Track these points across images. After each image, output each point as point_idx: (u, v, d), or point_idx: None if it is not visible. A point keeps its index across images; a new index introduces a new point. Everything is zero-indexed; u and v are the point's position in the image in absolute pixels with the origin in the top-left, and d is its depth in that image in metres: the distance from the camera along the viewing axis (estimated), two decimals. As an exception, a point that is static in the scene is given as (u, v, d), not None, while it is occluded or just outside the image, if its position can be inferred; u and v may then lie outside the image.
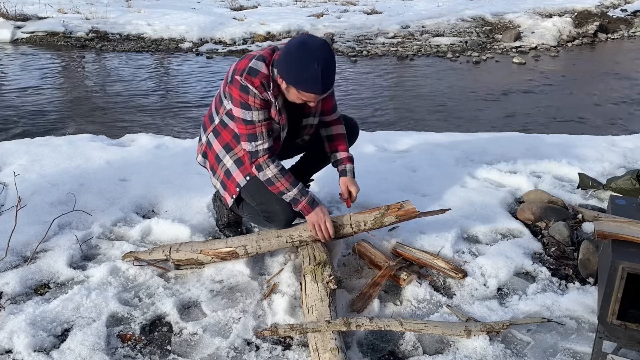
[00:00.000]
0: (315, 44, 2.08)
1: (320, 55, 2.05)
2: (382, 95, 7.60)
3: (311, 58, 2.04)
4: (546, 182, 3.40)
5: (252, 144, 2.26)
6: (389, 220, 2.36)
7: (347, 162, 2.47)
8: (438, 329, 2.03)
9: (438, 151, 3.93)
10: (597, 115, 6.71)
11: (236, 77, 2.18)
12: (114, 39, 10.61)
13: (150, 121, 6.35)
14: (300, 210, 2.33)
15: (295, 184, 2.31)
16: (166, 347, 2.04)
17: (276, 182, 2.28)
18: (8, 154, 3.57)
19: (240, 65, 2.21)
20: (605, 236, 1.96)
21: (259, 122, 2.22)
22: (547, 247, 2.73)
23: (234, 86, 2.19)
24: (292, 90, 2.15)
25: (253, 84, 2.16)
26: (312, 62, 2.03)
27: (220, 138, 2.40)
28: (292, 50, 2.08)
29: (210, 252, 2.42)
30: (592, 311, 2.24)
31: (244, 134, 2.25)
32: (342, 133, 2.51)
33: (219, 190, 2.49)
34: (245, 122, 2.23)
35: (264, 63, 2.18)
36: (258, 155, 2.27)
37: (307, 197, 2.32)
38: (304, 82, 2.09)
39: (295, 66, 2.07)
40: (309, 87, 2.10)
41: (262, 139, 2.25)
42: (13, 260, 2.47)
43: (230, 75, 2.23)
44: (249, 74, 2.16)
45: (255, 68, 2.17)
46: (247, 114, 2.21)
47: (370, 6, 13.78)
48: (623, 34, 11.97)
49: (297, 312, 2.20)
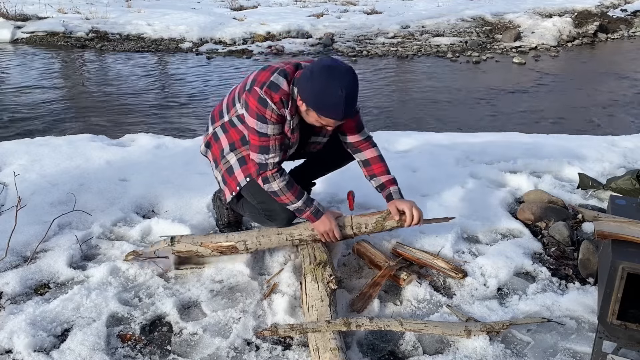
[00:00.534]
0: (342, 69, 2.04)
1: (346, 81, 2.02)
2: (382, 95, 7.60)
3: (336, 84, 2.00)
4: (546, 182, 3.40)
5: (263, 156, 2.23)
6: (390, 225, 2.36)
7: (390, 185, 2.36)
8: (438, 329, 2.03)
9: (438, 151, 3.93)
10: (597, 115, 6.71)
11: (255, 88, 2.15)
12: (114, 39, 10.61)
13: (150, 121, 6.35)
14: (304, 219, 2.33)
15: (300, 196, 2.29)
16: (166, 347, 2.04)
17: (281, 195, 2.27)
18: (8, 154, 3.57)
19: (261, 77, 2.17)
20: (605, 236, 1.96)
21: (273, 135, 2.19)
22: (547, 247, 2.73)
23: (252, 96, 2.16)
24: (312, 114, 2.11)
25: (272, 99, 2.13)
26: (337, 89, 2.00)
27: (228, 135, 2.39)
28: (317, 74, 2.04)
29: (210, 245, 2.42)
30: (592, 311, 2.24)
31: (256, 145, 2.22)
32: (377, 155, 2.41)
33: (219, 183, 2.48)
34: (259, 134, 2.20)
35: (286, 80, 2.15)
36: (267, 168, 2.25)
37: (311, 207, 2.30)
38: (326, 108, 2.06)
39: (318, 90, 2.04)
40: (329, 113, 2.07)
41: (274, 152, 2.22)
42: (13, 260, 2.47)
43: (250, 84, 2.19)
44: (270, 88, 2.13)
45: (277, 83, 2.14)
46: (262, 126, 2.18)
47: (370, 6, 13.78)
48: (623, 34, 11.97)
49: (297, 312, 2.20)
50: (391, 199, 2.34)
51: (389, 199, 2.35)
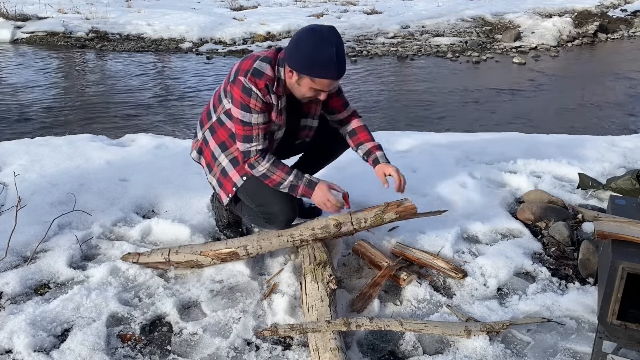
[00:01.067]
0: (325, 28, 2.08)
1: (333, 38, 2.05)
2: (382, 95, 7.60)
3: (325, 42, 2.04)
4: (546, 182, 3.40)
5: (246, 145, 2.25)
6: (389, 217, 2.36)
7: (375, 151, 2.42)
8: (438, 329, 2.03)
9: (438, 151, 3.93)
10: (597, 115, 6.72)
11: (240, 78, 2.16)
12: (113, 39, 10.61)
13: (150, 121, 6.35)
14: (301, 195, 2.30)
15: (289, 172, 2.28)
16: (166, 347, 2.04)
17: (271, 175, 2.27)
18: (8, 154, 3.57)
19: (244, 66, 2.19)
20: (605, 236, 1.96)
21: (256, 125, 2.21)
22: (547, 247, 2.73)
23: (236, 86, 2.17)
24: (305, 81, 2.12)
25: (257, 85, 2.14)
26: (327, 46, 2.03)
27: (216, 136, 2.39)
28: (304, 38, 2.08)
29: (210, 253, 2.42)
30: (592, 311, 2.24)
31: (240, 134, 2.24)
32: (362, 125, 2.49)
33: (215, 188, 2.48)
34: (243, 124, 2.21)
35: (269, 65, 2.16)
36: (250, 155, 2.26)
37: (303, 179, 2.28)
38: (320, 67, 2.07)
39: (309, 52, 2.06)
40: (325, 72, 2.08)
41: (257, 141, 2.24)
42: (13, 260, 2.47)
43: (234, 74, 2.21)
44: (254, 75, 2.14)
45: (260, 70, 2.15)
46: (247, 115, 2.19)
47: (370, 6, 13.77)
48: (623, 34, 11.97)
49: (297, 312, 2.20)
50: (378, 163, 2.40)
51: (375, 163, 2.41)
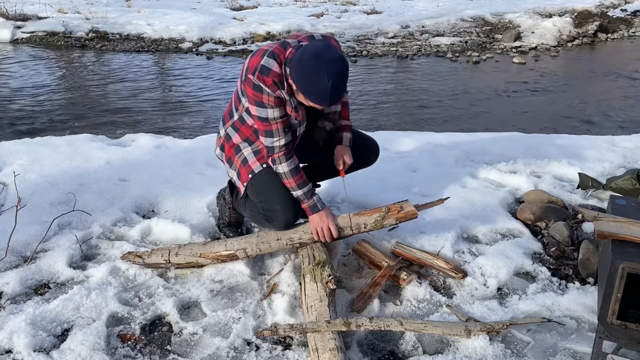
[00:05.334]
0: (331, 58, 2.04)
1: (334, 71, 2.03)
2: (382, 95, 7.59)
3: (323, 73, 2.02)
4: (546, 182, 3.40)
5: (269, 140, 2.29)
6: (389, 223, 2.36)
7: (344, 131, 2.50)
8: (438, 329, 2.03)
9: (438, 151, 3.93)
10: (597, 115, 6.71)
11: (249, 76, 2.18)
12: (114, 39, 10.60)
13: (150, 121, 6.35)
14: (303, 209, 2.35)
15: (302, 186, 2.33)
16: (166, 347, 2.05)
17: (285, 178, 2.33)
18: (8, 154, 3.57)
19: (252, 63, 2.19)
20: (605, 236, 1.96)
21: (274, 119, 2.23)
22: (547, 247, 2.73)
23: (248, 85, 2.20)
24: (301, 95, 2.17)
25: (265, 82, 2.15)
26: (323, 78, 2.02)
27: (240, 133, 2.42)
28: (306, 60, 2.06)
29: (210, 255, 2.42)
30: (592, 311, 2.24)
31: (261, 129, 2.28)
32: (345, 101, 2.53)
33: (235, 181, 2.48)
34: (261, 120, 2.25)
35: (276, 62, 2.16)
36: (274, 151, 2.30)
37: (310, 200, 2.33)
38: (313, 94, 2.10)
39: (306, 76, 2.07)
40: (317, 99, 2.12)
41: (278, 135, 2.27)
42: (13, 260, 2.47)
43: (244, 73, 2.23)
44: (261, 73, 2.15)
45: (267, 66, 2.15)
46: (262, 111, 2.22)
47: (370, 6, 13.76)
48: (623, 34, 11.95)
49: (297, 312, 2.20)
50: (340, 143, 2.48)
51: (338, 142, 2.49)
